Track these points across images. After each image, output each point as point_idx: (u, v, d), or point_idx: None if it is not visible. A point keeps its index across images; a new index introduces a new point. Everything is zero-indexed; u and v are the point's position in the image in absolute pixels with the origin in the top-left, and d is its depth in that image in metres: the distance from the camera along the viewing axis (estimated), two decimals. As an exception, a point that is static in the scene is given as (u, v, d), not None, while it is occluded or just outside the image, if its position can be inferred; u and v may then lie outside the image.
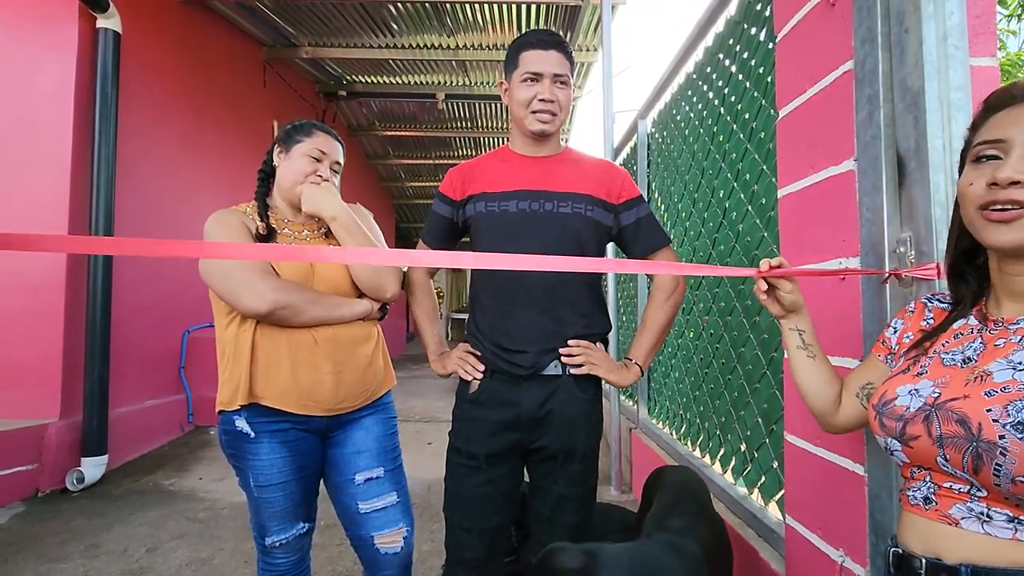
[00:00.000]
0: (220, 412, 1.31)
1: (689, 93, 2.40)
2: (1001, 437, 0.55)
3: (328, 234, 1.39)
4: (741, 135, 1.84)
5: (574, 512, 1.31)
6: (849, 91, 1.06)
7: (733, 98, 1.91)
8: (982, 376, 0.60)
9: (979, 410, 0.57)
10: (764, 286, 0.85)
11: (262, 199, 1.40)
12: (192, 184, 4.29)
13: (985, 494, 0.58)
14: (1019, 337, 0.61)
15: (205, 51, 4.46)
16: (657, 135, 2.94)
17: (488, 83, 6.22)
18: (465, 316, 1.46)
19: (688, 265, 2.15)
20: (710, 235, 2.13)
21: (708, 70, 2.17)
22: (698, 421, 2.28)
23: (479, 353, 1.32)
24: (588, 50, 5.30)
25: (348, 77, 6.20)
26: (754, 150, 1.74)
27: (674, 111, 2.62)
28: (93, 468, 3.09)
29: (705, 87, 2.21)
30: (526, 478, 1.39)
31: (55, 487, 3.00)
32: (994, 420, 0.55)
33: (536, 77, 1.27)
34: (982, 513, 0.59)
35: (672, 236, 2.67)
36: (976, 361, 0.63)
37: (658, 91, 2.77)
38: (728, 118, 1.96)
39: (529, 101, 1.28)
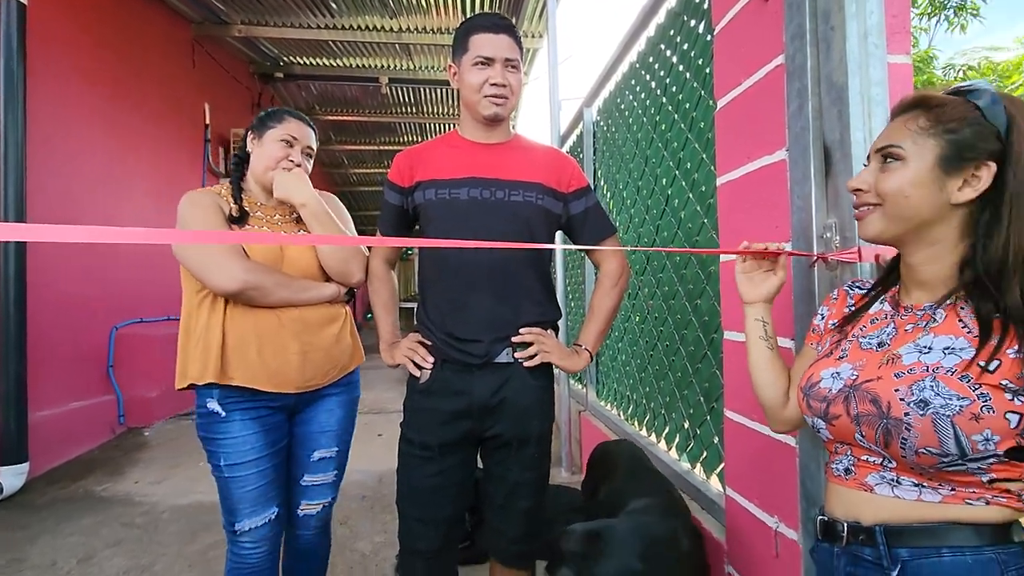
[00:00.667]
0: (193, 388, 1.35)
1: (632, 82, 2.45)
2: (906, 414, 0.60)
3: (299, 219, 1.43)
4: (682, 125, 1.90)
5: (528, 497, 1.33)
6: (781, 84, 1.12)
7: (674, 88, 1.97)
8: (893, 359, 0.66)
9: (889, 390, 0.63)
10: (748, 268, 0.90)
11: (236, 182, 1.44)
12: (113, 168, 4.00)
13: (895, 464, 0.65)
14: (925, 322, 0.67)
15: (125, 27, 4.14)
16: (602, 123, 2.99)
17: (433, 67, 6.11)
18: (414, 305, 1.45)
19: (671, 247, 2.21)
20: (654, 222, 2.20)
21: (650, 60, 2.22)
22: (644, 401, 2.36)
23: (429, 343, 1.32)
24: (533, 36, 5.30)
25: (285, 58, 5.94)
26: (695, 139, 1.81)
27: (618, 100, 2.67)
28: (12, 477, 2.87)
29: (648, 77, 2.26)
30: (479, 465, 1.40)
31: (-31, 500, 2.77)
32: (901, 399, 0.61)
33: (487, 61, 1.26)
34: (892, 480, 0.65)
35: (618, 223, 2.74)
36: (889, 345, 0.68)
37: (603, 80, 2.81)
38: (670, 108, 2.01)
39: (481, 85, 1.27)
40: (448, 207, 1.29)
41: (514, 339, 1.29)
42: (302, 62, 6.02)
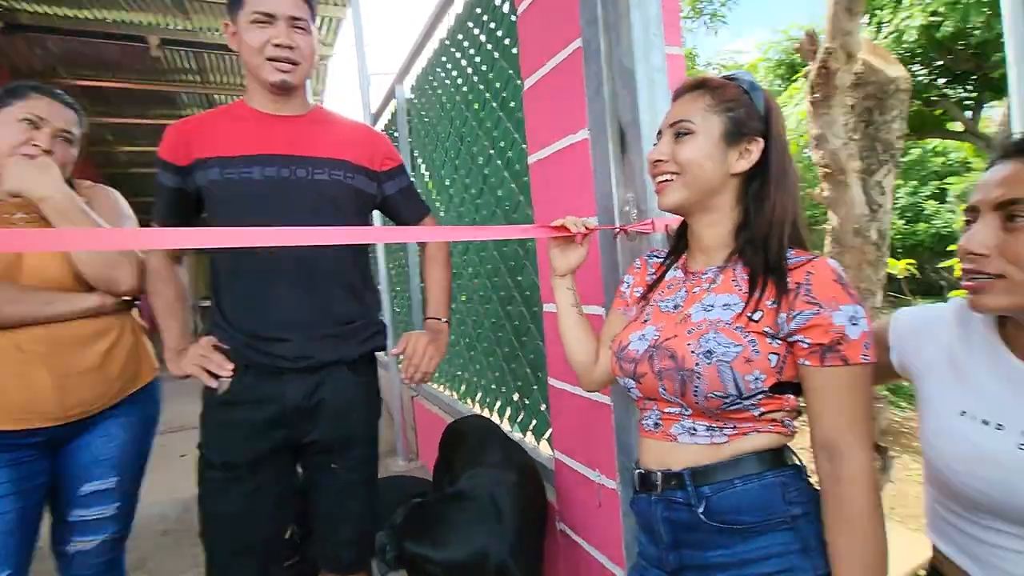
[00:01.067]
0: None
1: (443, 59, 2.41)
2: (696, 364, 0.69)
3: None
4: (494, 104, 1.92)
5: (357, 499, 1.24)
6: (579, 67, 1.18)
7: (485, 67, 1.98)
8: (685, 318, 0.75)
9: (683, 345, 0.71)
10: (564, 240, 0.93)
11: None
12: None
13: (690, 412, 0.73)
14: (708, 284, 0.76)
15: None
16: (416, 101, 2.91)
17: (217, 30, 5.34)
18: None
19: (481, 228, 2.21)
20: (472, 201, 2.21)
21: (459, 37, 2.20)
22: (476, 379, 2.41)
23: (227, 347, 1.13)
24: (336, 4, 4.93)
25: (6, 3, 4.65)
26: (507, 119, 1.84)
27: (431, 77, 2.61)
28: None
29: (458, 54, 2.24)
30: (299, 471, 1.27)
31: None
32: (692, 352, 0.70)
33: (268, 19, 1.09)
34: (691, 428, 0.74)
35: (438, 203, 2.71)
36: (682, 306, 0.77)
37: (413, 55, 2.72)
38: (481, 87, 2.02)
39: (262, 46, 1.10)
40: (239, 188, 1.11)
41: (401, 368, 1.20)
42: (32, 10, 4.79)
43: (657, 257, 0.91)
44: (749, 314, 0.69)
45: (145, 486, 1.37)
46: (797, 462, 0.73)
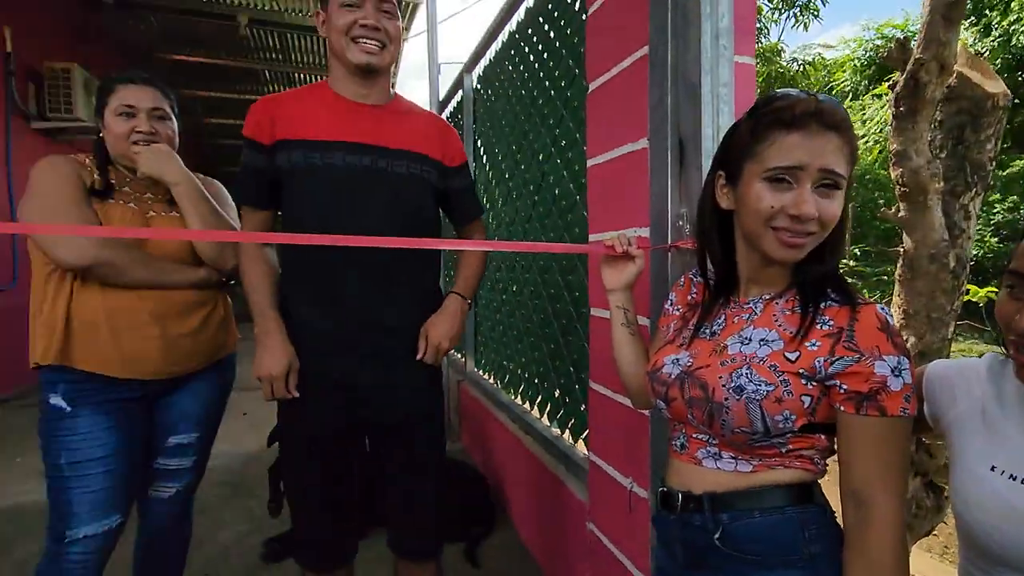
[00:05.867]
0: (37, 369, 1.24)
1: (512, 52, 2.42)
2: (726, 399, 0.68)
3: (172, 199, 1.33)
4: (558, 101, 1.92)
5: (431, 480, 1.28)
6: (645, 75, 1.16)
7: (551, 63, 1.98)
8: (722, 348, 0.73)
9: (714, 377, 0.70)
10: (613, 255, 0.93)
11: (102, 154, 1.30)
12: None
13: (717, 441, 0.73)
14: (748, 315, 0.75)
15: None
16: (483, 91, 2.94)
17: (300, 12, 5.55)
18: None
19: (533, 244, 2.23)
20: (531, 196, 2.23)
21: (529, 31, 2.20)
22: (519, 371, 2.44)
23: (298, 374, 1.18)
24: (413, -10, 5.01)
25: (116, -19, 5.03)
26: (569, 117, 1.84)
27: (498, 69, 2.63)
28: None
29: (526, 48, 2.24)
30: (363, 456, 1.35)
31: None
32: (723, 385, 0.69)
33: (357, 1, 1.13)
34: (716, 454, 0.73)
35: (496, 194, 2.74)
36: (719, 335, 0.76)
37: (483, 46, 2.75)
38: (547, 83, 2.02)
39: (349, 27, 1.12)
40: (321, 175, 1.14)
41: (420, 356, 1.22)
42: (138, -13, 5.14)
43: (703, 277, 0.89)
44: (787, 353, 0.67)
45: (212, 439, 1.50)
46: (823, 500, 0.72)
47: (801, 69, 10.48)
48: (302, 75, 7.18)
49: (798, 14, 9.71)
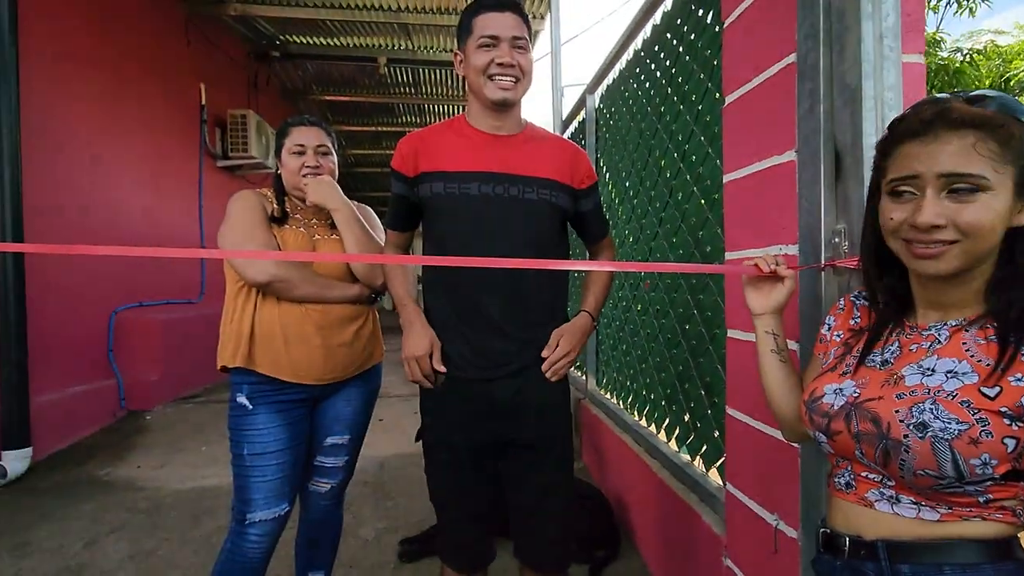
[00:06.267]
0: (226, 371, 1.44)
1: (637, 71, 2.41)
2: (905, 436, 0.61)
3: (333, 223, 1.51)
4: (688, 116, 1.88)
5: (560, 498, 1.31)
6: (792, 84, 1.10)
7: (680, 79, 1.94)
8: (896, 379, 0.66)
9: (889, 411, 0.63)
10: (759, 277, 0.88)
11: (279, 187, 1.53)
12: (107, 151, 3.95)
13: (894, 483, 0.65)
14: (929, 343, 0.66)
15: (118, 9, 4.05)
16: (605, 110, 2.96)
17: (432, 48, 6.01)
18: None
19: (664, 264, 2.20)
20: (656, 214, 2.19)
21: (656, 48, 2.18)
22: (644, 392, 2.38)
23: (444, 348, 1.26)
24: (536, 17, 5.20)
25: (281, 37, 5.83)
26: (700, 132, 1.79)
27: (622, 88, 2.63)
28: (16, 462, 2.89)
29: (653, 66, 2.22)
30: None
31: (-27, 484, 2.79)
32: (900, 420, 0.61)
33: (493, 41, 1.20)
34: (892, 497, 0.65)
35: (620, 212, 2.72)
36: (892, 364, 0.68)
37: (606, 67, 2.77)
38: (675, 98, 1.99)
39: (486, 66, 1.20)
40: (458, 203, 1.23)
41: (544, 368, 1.27)
42: (299, 41, 5.92)
43: (866, 300, 0.81)
44: (984, 388, 0.59)
45: (354, 444, 1.65)
46: (1022, 556, 0.62)
47: (967, 59, 9.11)
48: (431, 105, 7.74)
49: (960, 1, 8.50)
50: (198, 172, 5.10)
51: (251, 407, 1.40)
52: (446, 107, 7.74)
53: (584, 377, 3.30)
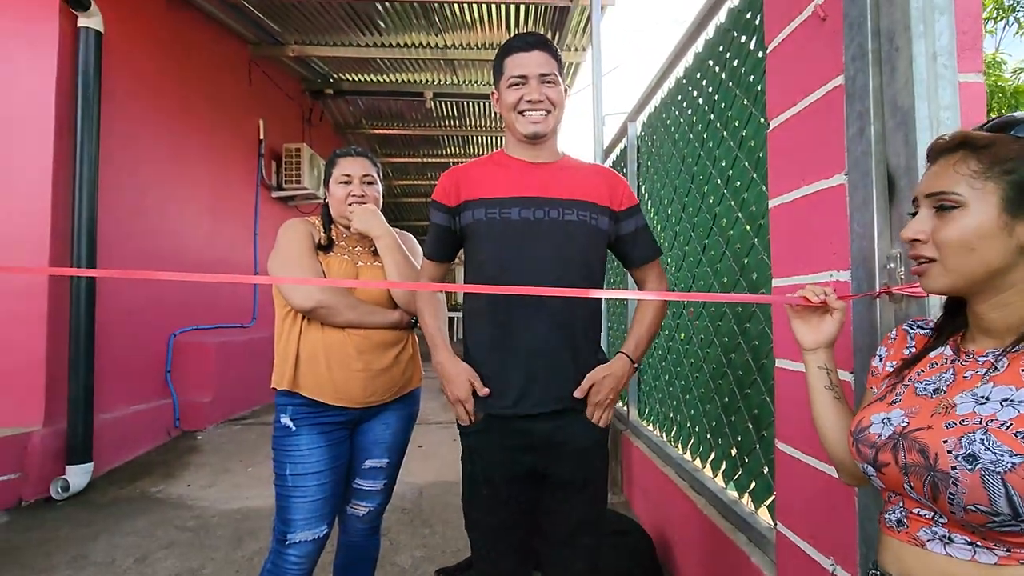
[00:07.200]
0: (274, 390, 1.50)
1: (679, 98, 2.41)
2: (953, 468, 0.56)
3: (376, 251, 1.56)
4: (731, 142, 1.85)
5: (592, 536, 1.29)
6: (840, 106, 1.07)
7: (723, 105, 1.92)
8: (947, 408, 0.61)
9: (937, 441, 0.59)
10: (806, 308, 0.84)
11: (327, 216, 1.60)
12: (177, 184, 4.23)
13: (946, 520, 0.60)
14: (984, 370, 0.62)
15: (190, 50, 4.39)
16: (647, 138, 2.95)
17: (476, 82, 6.19)
18: (458, 314, 1.45)
19: (709, 294, 2.16)
20: (699, 240, 2.15)
21: (698, 76, 2.18)
22: (688, 424, 2.30)
23: (479, 374, 1.27)
24: (577, 50, 5.30)
25: (335, 75, 6.15)
26: (744, 158, 1.76)
27: (664, 115, 2.63)
28: (78, 476, 3.05)
29: (695, 93, 2.22)
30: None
31: (39, 496, 2.95)
32: (949, 451, 0.57)
33: (522, 80, 1.26)
34: (944, 536, 0.60)
35: (662, 239, 2.69)
36: (945, 392, 0.64)
37: (648, 95, 2.78)
38: (718, 125, 1.97)
39: (517, 103, 1.26)
40: (499, 227, 1.26)
41: (587, 412, 1.27)
42: (351, 78, 6.22)
43: (922, 328, 0.76)
44: None
45: (393, 470, 1.66)
46: None
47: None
48: (475, 136, 7.94)
49: (1021, 19, 8.12)
50: (254, 201, 5.38)
51: (294, 428, 1.43)
52: (489, 138, 7.93)
53: (625, 408, 3.22)
